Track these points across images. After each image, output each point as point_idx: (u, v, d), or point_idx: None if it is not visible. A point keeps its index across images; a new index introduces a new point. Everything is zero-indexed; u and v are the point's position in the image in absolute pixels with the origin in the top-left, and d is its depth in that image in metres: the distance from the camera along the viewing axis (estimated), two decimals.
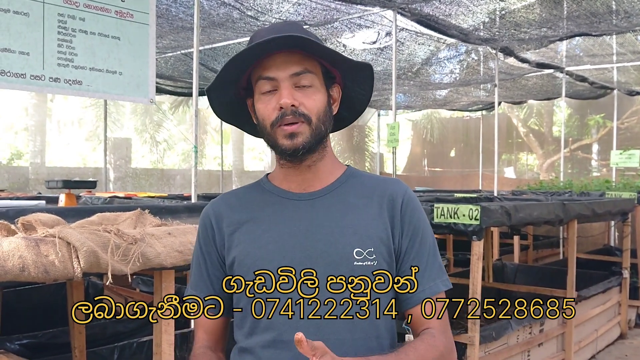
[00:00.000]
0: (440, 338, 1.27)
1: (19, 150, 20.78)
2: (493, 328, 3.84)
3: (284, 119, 1.23)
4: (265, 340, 1.24)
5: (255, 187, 1.40)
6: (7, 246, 1.48)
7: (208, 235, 1.35)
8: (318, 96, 1.26)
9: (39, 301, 4.25)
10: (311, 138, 1.24)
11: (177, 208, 2.95)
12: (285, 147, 1.24)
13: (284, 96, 1.22)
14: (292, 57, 1.24)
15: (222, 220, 1.33)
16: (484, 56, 8.88)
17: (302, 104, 1.23)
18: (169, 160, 22.97)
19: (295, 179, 1.32)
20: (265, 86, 1.25)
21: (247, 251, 1.27)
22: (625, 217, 5.78)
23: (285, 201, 1.31)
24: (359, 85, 1.37)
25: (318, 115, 1.25)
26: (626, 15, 6.23)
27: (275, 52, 1.23)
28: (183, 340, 3.29)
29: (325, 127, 1.28)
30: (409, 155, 21.95)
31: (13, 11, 3.10)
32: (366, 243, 1.24)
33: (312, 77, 1.25)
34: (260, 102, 1.27)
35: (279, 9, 6.23)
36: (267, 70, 1.24)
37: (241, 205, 1.35)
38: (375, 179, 1.39)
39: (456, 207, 3.50)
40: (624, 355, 5.44)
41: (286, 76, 1.23)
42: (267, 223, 1.29)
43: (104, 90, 3.46)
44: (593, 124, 19.39)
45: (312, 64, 1.26)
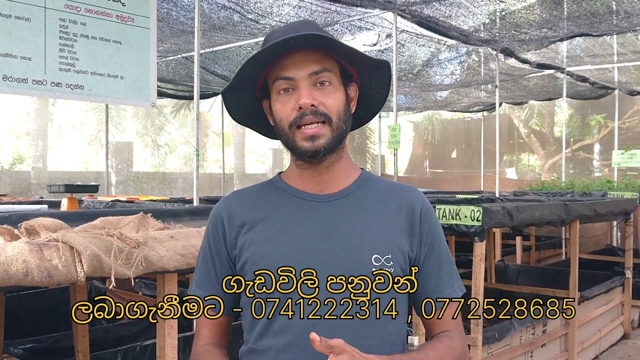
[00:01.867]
0: (458, 340, 1.29)
1: (20, 155, 20.82)
2: (496, 329, 3.83)
3: (303, 119, 1.20)
4: (280, 344, 1.22)
5: (269, 185, 1.36)
6: (10, 251, 1.49)
7: (218, 234, 1.31)
8: (337, 95, 1.24)
9: (42, 305, 4.26)
10: (332, 139, 1.23)
11: (179, 211, 2.95)
12: (306, 149, 1.22)
13: (303, 96, 1.20)
14: (311, 56, 1.22)
15: (234, 218, 1.30)
16: (485, 57, 8.88)
17: (322, 104, 1.21)
18: (170, 163, 22.99)
19: (312, 179, 1.29)
20: (283, 86, 1.23)
21: (262, 252, 1.24)
22: (628, 217, 5.78)
23: (301, 201, 1.28)
24: (376, 83, 1.35)
25: (338, 114, 1.24)
26: (626, 15, 6.23)
27: (292, 52, 1.21)
28: (186, 343, 3.29)
29: (346, 126, 1.27)
30: (410, 157, 21.96)
31: (15, 16, 3.11)
32: (384, 249, 1.23)
33: (330, 75, 1.24)
34: (278, 102, 1.24)
35: (280, 12, 6.24)
36: (285, 70, 1.22)
37: (255, 203, 1.32)
38: (391, 184, 1.38)
39: (458, 208, 3.50)
40: (627, 356, 5.43)
41: (305, 75, 1.21)
42: (282, 223, 1.26)
43: (106, 94, 3.47)
44: (594, 124, 19.39)
45: (330, 63, 1.24)
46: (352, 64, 1.30)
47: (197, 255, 1.41)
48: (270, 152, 17.80)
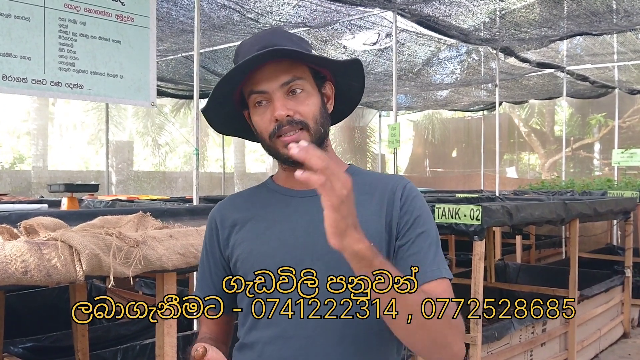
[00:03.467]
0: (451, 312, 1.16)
1: (21, 154, 20.82)
2: (495, 328, 3.84)
3: (281, 129, 1.23)
4: (266, 337, 1.25)
5: (260, 188, 1.41)
6: (9, 250, 1.49)
7: (213, 236, 1.38)
8: (312, 100, 1.27)
9: (42, 304, 4.26)
10: (312, 143, 1.22)
11: (179, 211, 2.96)
12: (288, 156, 1.22)
13: (277, 108, 1.22)
14: (280, 66, 1.24)
15: (226, 220, 1.36)
16: (485, 56, 8.88)
17: (297, 112, 1.24)
18: (170, 163, 22.99)
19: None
20: (257, 99, 1.26)
21: (250, 248, 1.29)
22: (628, 215, 5.78)
23: (288, 199, 1.32)
24: (350, 78, 1.37)
25: (315, 119, 1.26)
26: (626, 14, 6.23)
27: (262, 65, 1.24)
28: (185, 342, 3.29)
29: (324, 128, 1.29)
30: (410, 156, 21.95)
31: (14, 16, 3.11)
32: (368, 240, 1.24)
33: (302, 82, 1.26)
34: (255, 115, 1.28)
35: (279, 11, 6.24)
36: (257, 84, 1.25)
37: (246, 204, 1.37)
38: (377, 176, 1.38)
39: (457, 207, 3.50)
40: (627, 355, 5.43)
41: (277, 87, 1.24)
42: (269, 220, 1.30)
43: (105, 93, 3.47)
44: (594, 123, 19.38)
45: (300, 70, 1.26)
46: (322, 67, 1.32)
47: (199, 257, 1.46)
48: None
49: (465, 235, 3.52)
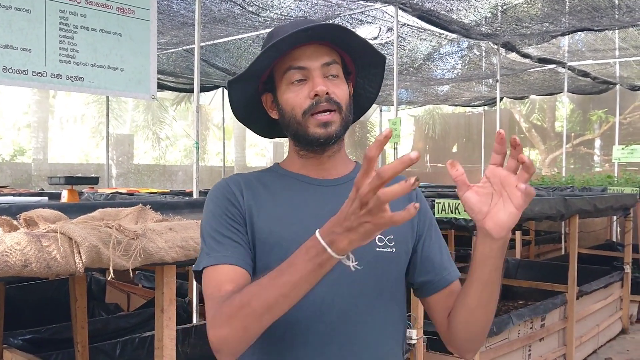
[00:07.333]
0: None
1: (21, 147, 20.82)
2: (494, 323, 3.84)
3: (318, 106, 1.23)
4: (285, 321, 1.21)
5: (269, 172, 1.37)
6: (9, 242, 1.49)
7: (232, 202, 1.25)
8: (344, 87, 1.29)
9: (41, 297, 4.27)
10: (341, 127, 1.26)
11: (179, 204, 2.95)
12: (319, 135, 1.24)
13: (319, 84, 1.23)
14: (322, 48, 1.26)
15: (242, 193, 1.27)
16: (486, 51, 8.86)
17: (334, 93, 1.25)
18: (171, 156, 22.98)
19: (314, 168, 1.32)
20: (296, 76, 1.26)
21: (269, 229, 1.23)
22: (627, 212, 5.78)
23: (306, 185, 1.31)
24: (369, 83, 1.40)
25: (347, 104, 1.28)
26: (628, 10, 6.21)
27: (303, 45, 1.25)
28: (185, 335, 3.30)
29: (351, 117, 1.31)
30: (411, 151, 21.93)
31: (15, 8, 3.11)
32: (387, 230, 1.22)
33: (338, 68, 1.28)
34: (289, 92, 1.27)
35: (281, 5, 6.23)
36: (297, 60, 1.25)
37: (260, 184, 1.31)
38: None
39: (457, 202, 3.50)
40: (625, 350, 5.44)
41: (318, 65, 1.25)
42: (289, 205, 1.27)
43: (106, 86, 3.47)
44: (595, 119, 19.33)
45: (337, 57, 1.29)
46: (355, 60, 1.33)
47: (198, 250, 1.31)
48: (270, 145, 17.79)
49: (465, 230, 3.52)
